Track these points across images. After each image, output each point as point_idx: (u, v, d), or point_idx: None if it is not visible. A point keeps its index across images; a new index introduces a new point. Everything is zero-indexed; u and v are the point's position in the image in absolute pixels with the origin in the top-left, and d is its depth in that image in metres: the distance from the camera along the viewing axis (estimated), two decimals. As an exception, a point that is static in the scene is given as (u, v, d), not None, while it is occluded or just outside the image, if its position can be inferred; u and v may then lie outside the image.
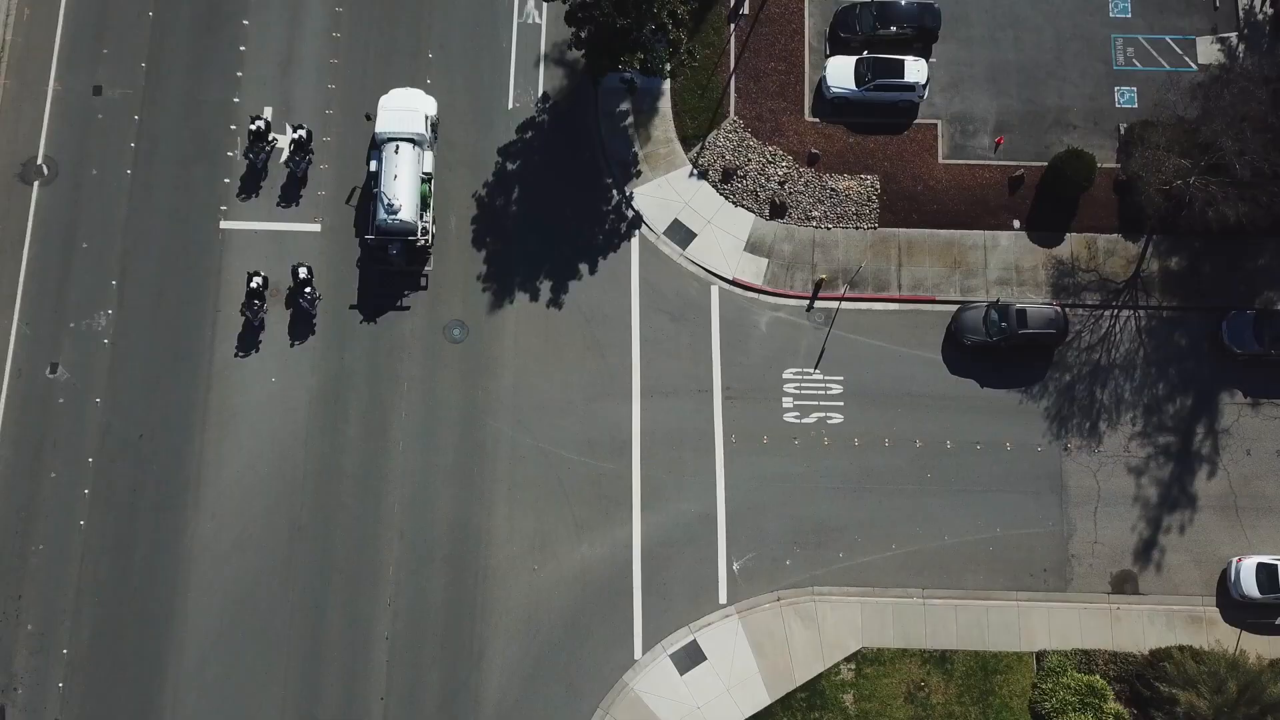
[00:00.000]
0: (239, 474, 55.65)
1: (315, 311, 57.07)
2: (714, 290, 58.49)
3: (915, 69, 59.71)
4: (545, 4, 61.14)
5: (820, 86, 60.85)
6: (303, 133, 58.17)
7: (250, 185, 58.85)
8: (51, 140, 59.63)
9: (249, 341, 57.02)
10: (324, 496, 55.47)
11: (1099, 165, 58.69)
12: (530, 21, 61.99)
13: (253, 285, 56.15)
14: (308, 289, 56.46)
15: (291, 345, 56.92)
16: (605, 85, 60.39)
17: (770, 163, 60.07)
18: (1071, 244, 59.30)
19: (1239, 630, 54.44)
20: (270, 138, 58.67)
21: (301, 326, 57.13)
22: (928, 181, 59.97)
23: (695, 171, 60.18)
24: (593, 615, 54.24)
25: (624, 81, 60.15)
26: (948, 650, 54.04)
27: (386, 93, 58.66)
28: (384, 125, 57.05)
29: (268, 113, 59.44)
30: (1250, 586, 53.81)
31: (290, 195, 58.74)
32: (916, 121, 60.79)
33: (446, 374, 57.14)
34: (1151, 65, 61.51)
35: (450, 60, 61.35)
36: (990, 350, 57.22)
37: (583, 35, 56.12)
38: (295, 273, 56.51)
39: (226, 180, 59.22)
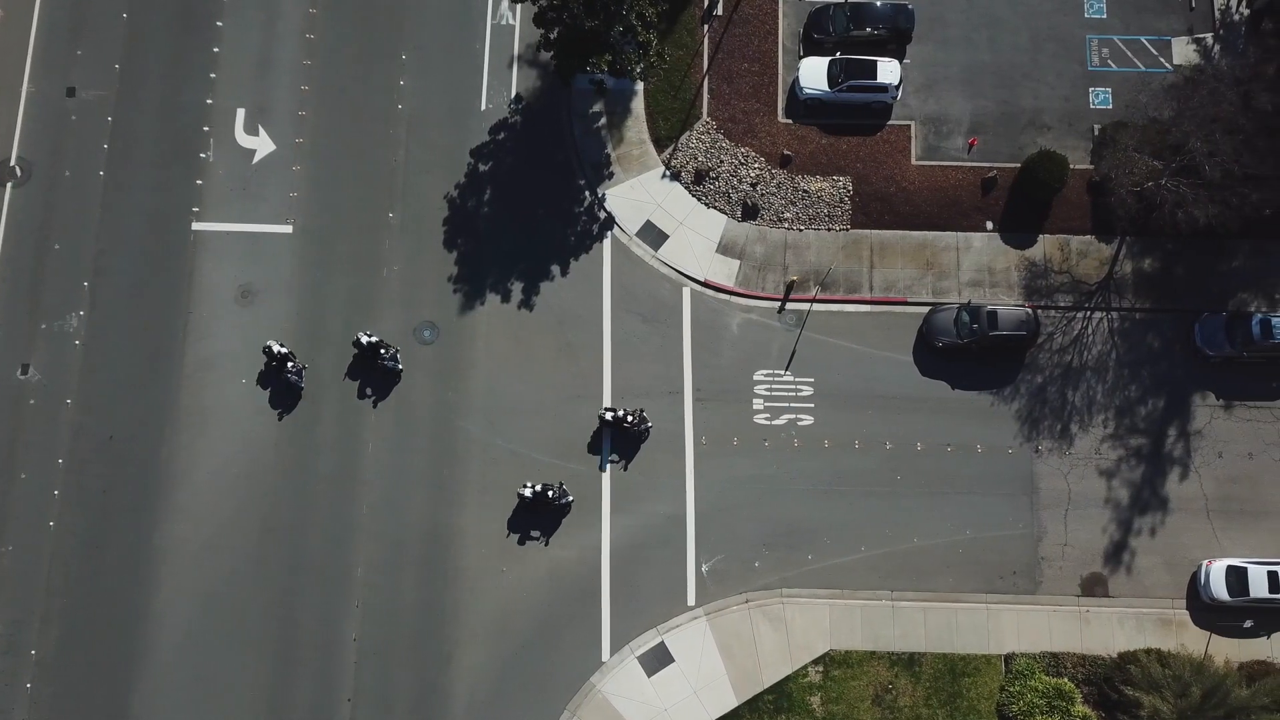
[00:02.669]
0: (210, 475, 55.71)
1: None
2: (685, 292, 58.40)
3: (888, 70, 59.53)
4: (518, 5, 61.03)
5: (793, 88, 60.71)
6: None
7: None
8: (25, 141, 59.75)
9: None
10: (295, 498, 55.49)
11: (1072, 166, 58.54)
12: (504, 23, 61.94)
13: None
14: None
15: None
16: (578, 86, 60.33)
17: (743, 164, 59.95)
18: (1044, 245, 59.10)
19: (1209, 633, 54.26)
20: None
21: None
22: (900, 183, 59.79)
23: (668, 173, 60.07)
24: (561, 617, 54.21)
25: (593, 83, 60.04)
26: (916, 653, 53.92)
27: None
28: None
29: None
30: (1220, 589, 53.62)
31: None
32: (890, 123, 60.58)
33: (417, 375, 57.12)
34: (1126, 66, 61.31)
35: (424, 62, 61.32)
36: (961, 352, 57.06)
37: (552, 36, 56.05)
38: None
39: (199, 182, 59.27)
